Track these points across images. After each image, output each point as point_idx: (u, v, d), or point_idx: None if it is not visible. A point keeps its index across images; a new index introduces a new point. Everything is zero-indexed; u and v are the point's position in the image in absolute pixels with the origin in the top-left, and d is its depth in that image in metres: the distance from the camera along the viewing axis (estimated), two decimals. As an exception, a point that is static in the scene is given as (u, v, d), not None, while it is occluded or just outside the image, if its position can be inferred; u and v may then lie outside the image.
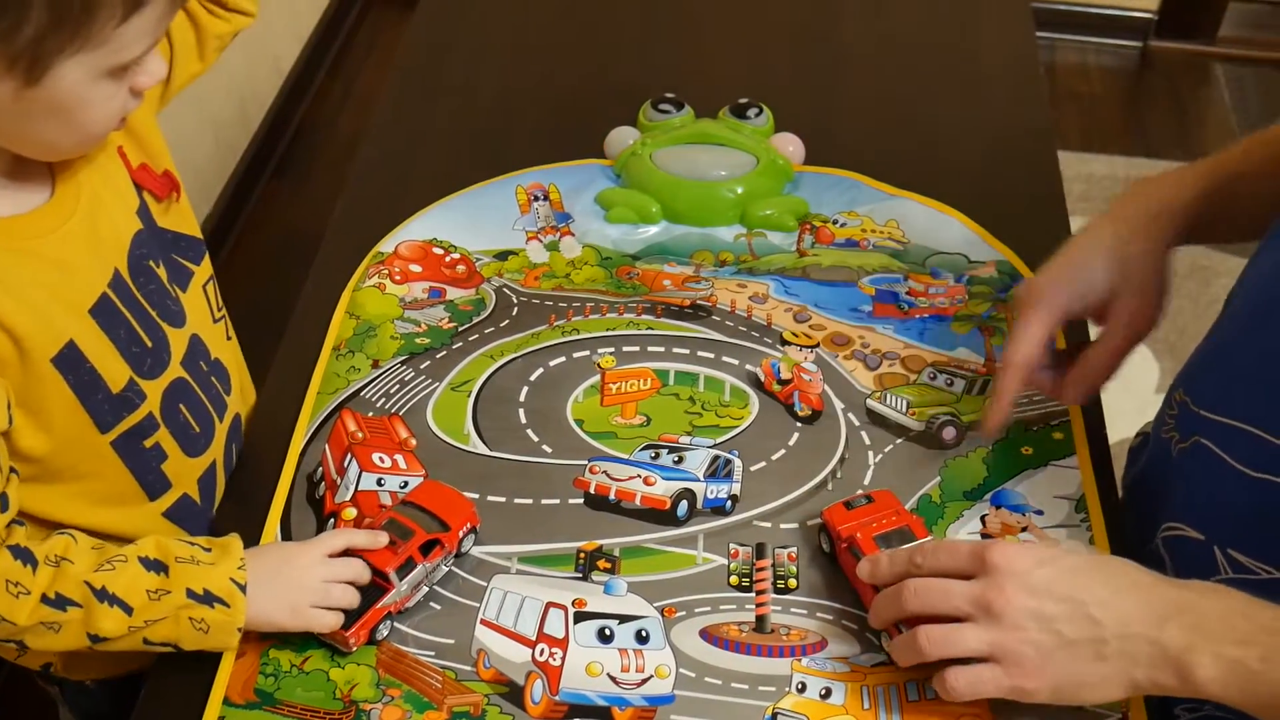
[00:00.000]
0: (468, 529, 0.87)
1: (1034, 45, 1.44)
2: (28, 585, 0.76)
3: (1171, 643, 0.71)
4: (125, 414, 0.84)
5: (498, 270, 1.11)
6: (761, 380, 1.01)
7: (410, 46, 1.42)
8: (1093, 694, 0.74)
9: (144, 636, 0.79)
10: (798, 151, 1.23)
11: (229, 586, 0.79)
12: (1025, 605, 0.73)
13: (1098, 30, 2.96)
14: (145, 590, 0.78)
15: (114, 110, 0.76)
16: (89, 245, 0.81)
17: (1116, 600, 0.73)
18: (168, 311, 0.87)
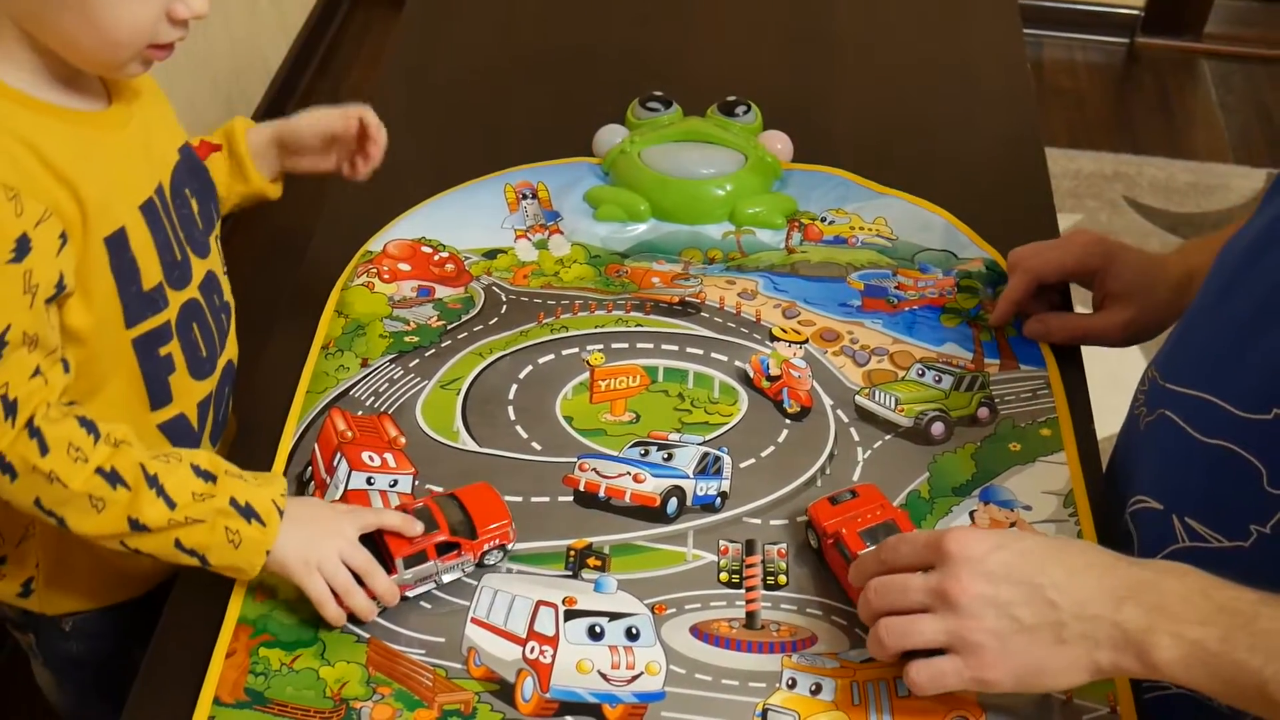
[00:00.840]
0: (496, 545, 0.87)
1: (1021, 42, 1.45)
2: (88, 453, 0.78)
3: (1131, 623, 0.70)
4: (149, 314, 0.87)
5: (486, 269, 1.11)
6: (751, 376, 1.02)
7: (399, 45, 1.43)
8: (1055, 680, 0.73)
9: (178, 537, 0.80)
10: (786, 149, 1.23)
11: (269, 507, 0.82)
12: (981, 592, 0.72)
13: (1085, 27, 2.97)
14: (192, 491, 0.80)
15: (142, 19, 0.76)
16: (141, 154, 0.86)
17: (1073, 582, 0.72)
18: (194, 239, 0.91)
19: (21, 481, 0.78)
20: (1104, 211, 2.49)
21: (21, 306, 0.76)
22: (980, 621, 0.72)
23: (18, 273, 0.75)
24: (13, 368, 0.76)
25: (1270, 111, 2.80)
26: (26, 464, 0.77)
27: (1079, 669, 0.72)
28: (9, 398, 0.76)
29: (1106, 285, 1.04)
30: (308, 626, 0.83)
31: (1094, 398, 1.03)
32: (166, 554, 0.81)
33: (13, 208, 0.74)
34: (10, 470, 0.78)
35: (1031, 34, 2.32)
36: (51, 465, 0.77)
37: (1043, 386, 1.02)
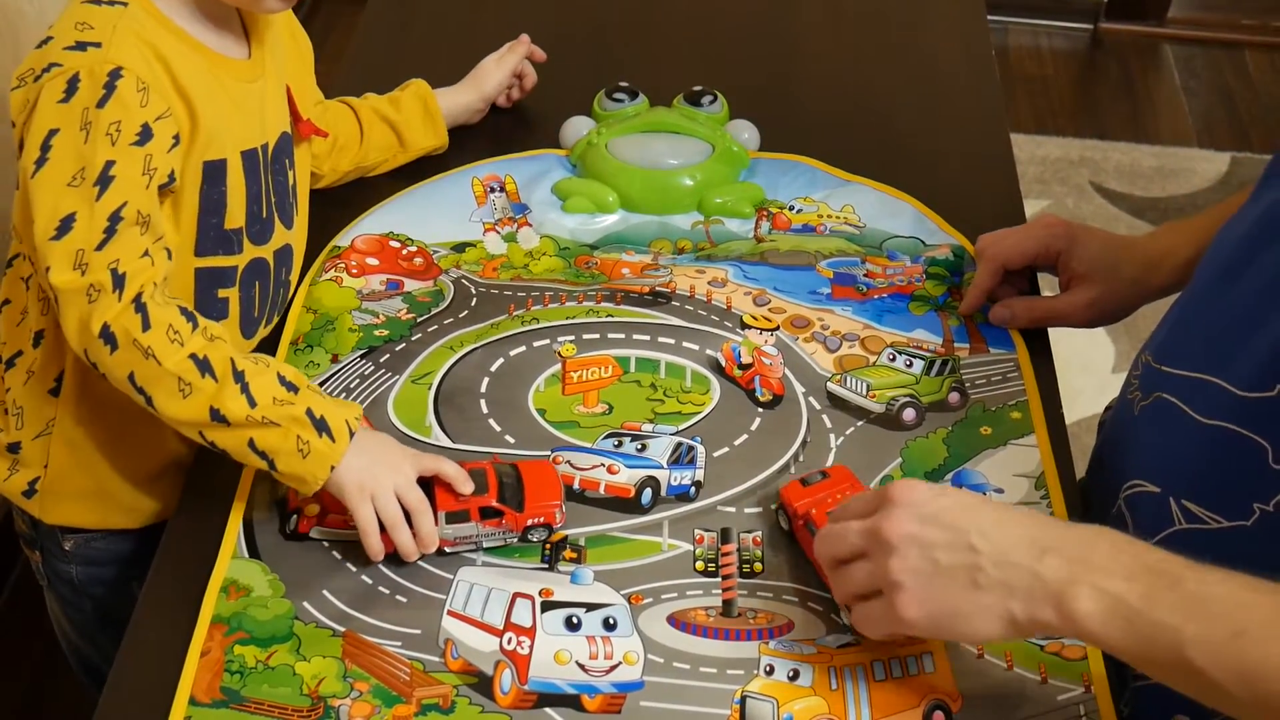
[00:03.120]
0: (541, 522, 0.88)
1: (985, 28, 1.47)
2: (184, 338, 0.83)
3: (1051, 574, 0.69)
4: (220, 252, 0.93)
5: (455, 262, 1.11)
6: (723, 365, 1.03)
7: (363, 39, 1.42)
8: (969, 626, 0.73)
9: (252, 437, 0.84)
10: (753, 138, 1.24)
11: (342, 425, 0.85)
12: (908, 532, 0.73)
13: (1049, 13, 3.00)
14: (273, 395, 0.84)
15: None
16: (257, 110, 0.94)
17: (998, 530, 0.72)
18: (283, 207, 0.99)
19: (120, 354, 0.82)
20: (1070, 197, 2.52)
21: (139, 187, 0.83)
22: (904, 561, 0.73)
23: (140, 155, 0.82)
24: (125, 244, 0.82)
25: (1233, 95, 2.83)
26: (128, 336, 0.82)
27: (993, 617, 0.71)
28: (119, 271, 0.82)
29: (1070, 267, 1.05)
30: (282, 622, 0.83)
31: (1062, 381, 1.05)
32: (239, 452, 0.85)
33: (141, 98, 0.82)
34: (113, 341, 0.82)
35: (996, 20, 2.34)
36: (150, 341, 0.82)
37: (1012, 370, 1.03)
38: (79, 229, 0.81)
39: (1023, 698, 0.81)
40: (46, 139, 0.81)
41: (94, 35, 0.82)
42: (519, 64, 1.26)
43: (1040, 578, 0.70)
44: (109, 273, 0.81)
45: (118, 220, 0.82)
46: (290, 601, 0.85)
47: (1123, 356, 2.07)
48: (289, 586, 0.86)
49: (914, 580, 0.73)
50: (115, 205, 0.82)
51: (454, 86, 1.23)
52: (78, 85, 0.81)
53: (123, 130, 0.81)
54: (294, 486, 0.86)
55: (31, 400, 0.96)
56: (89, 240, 0.81)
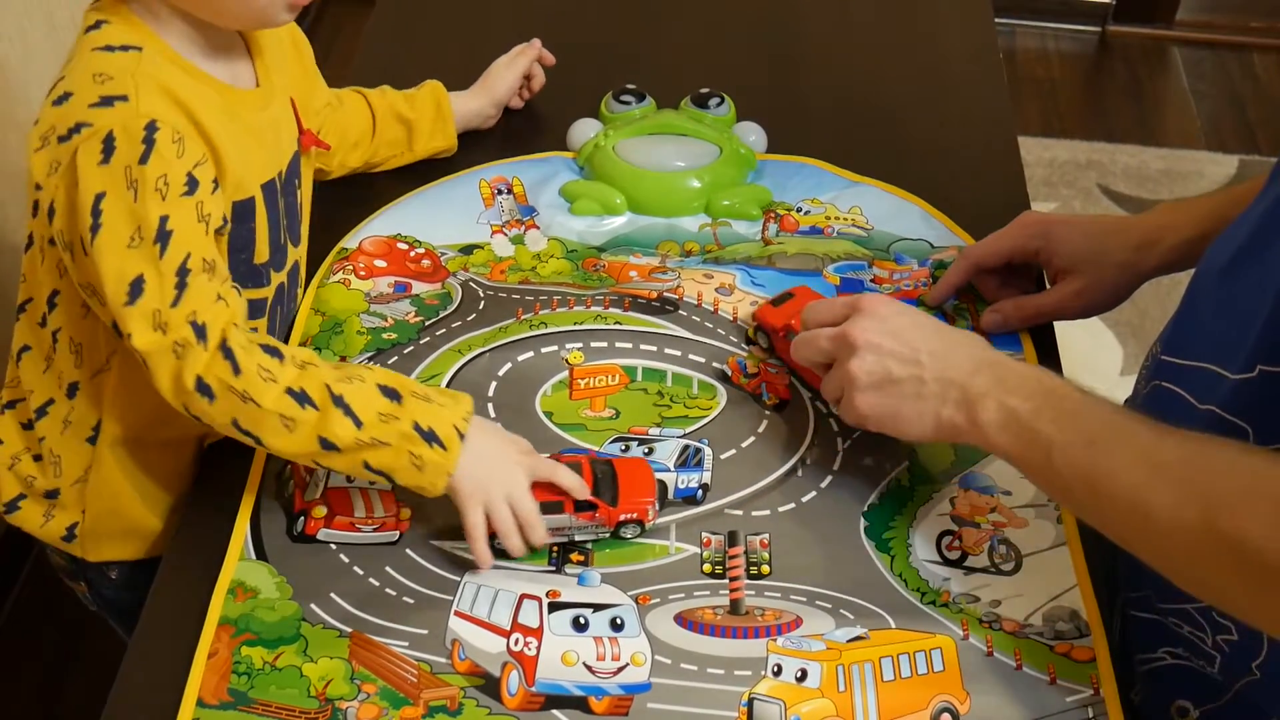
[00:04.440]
0: (634, 518, 0.89)
1: (993, 31, 1.47)
2: (276, 374, 0.83)
3: (974, 388, 0.82)
4: (251, 285, 0.93)
5: (463, 264, 1.11)
6: (729, 375, 1.03)
7: (370, 42, 1.43)
8: (908, 426, 0.86)
9: (365, 459, 0.84)
10: (760, 140, 1.24)
11: (450, 432, 0.85)
12: (871, 340, 0.86)
13: (1056, 16, 3.00)
14: (378, 411, 0.84)
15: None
16: (272, 137, 0.93)
17: (945, 351, 0.85)
18: (293, 229, 0.98)
19: (220, 403, 0.83)
20: (1078, 199, 2.52)
21: (198, 235, 0.82)
22: (863, 362, 0.86)
23: (191, 204, 0.82)
24: (198, 294, 0.82)
25: (1242, 98, 2.83)
26: (223, 384, 0.82)
27: (926, 420, 0.84)
28: (198, 322, 0.82)
29: (1053, 263, 1.06)
30: (289, 623, 0.84)
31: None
32: (358, 473, 0.85)
33: (178, 148, 0.81)
34: (209, 391, 0.82)
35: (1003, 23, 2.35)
36: (245, 385, 0.82)
37: (1020, 373, 1.03)
38: (150, 290, 0.81)
39: (1031, 699, 0.81)
40: (95, 204, 0.80)
41: (117, 87, 0.81)
42: (529, 66, 1.27)
43: (966, 390, 0.83)
44: (189, 326, 0.81)
45: (185, 273, 0.81)
46: (297, 603, 0.85)
47: (1131, 359, 2.07)
48: (296, 588, 0.86)
49: (867, 380, 0.86)
50: (180, 259, 0.81)
51: (465, 91, 1.23)
52: (114, 144, 0.79)
53: (170, 183, 0.80)
54: (417, 492, 0.86)
55: (69, 449, 0.96)
56: (163, 299, 0.81)
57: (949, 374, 0.83)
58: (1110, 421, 0.76)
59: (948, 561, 0.90)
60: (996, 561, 0.90)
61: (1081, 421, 0.77)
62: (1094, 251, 1.03)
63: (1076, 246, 1.04)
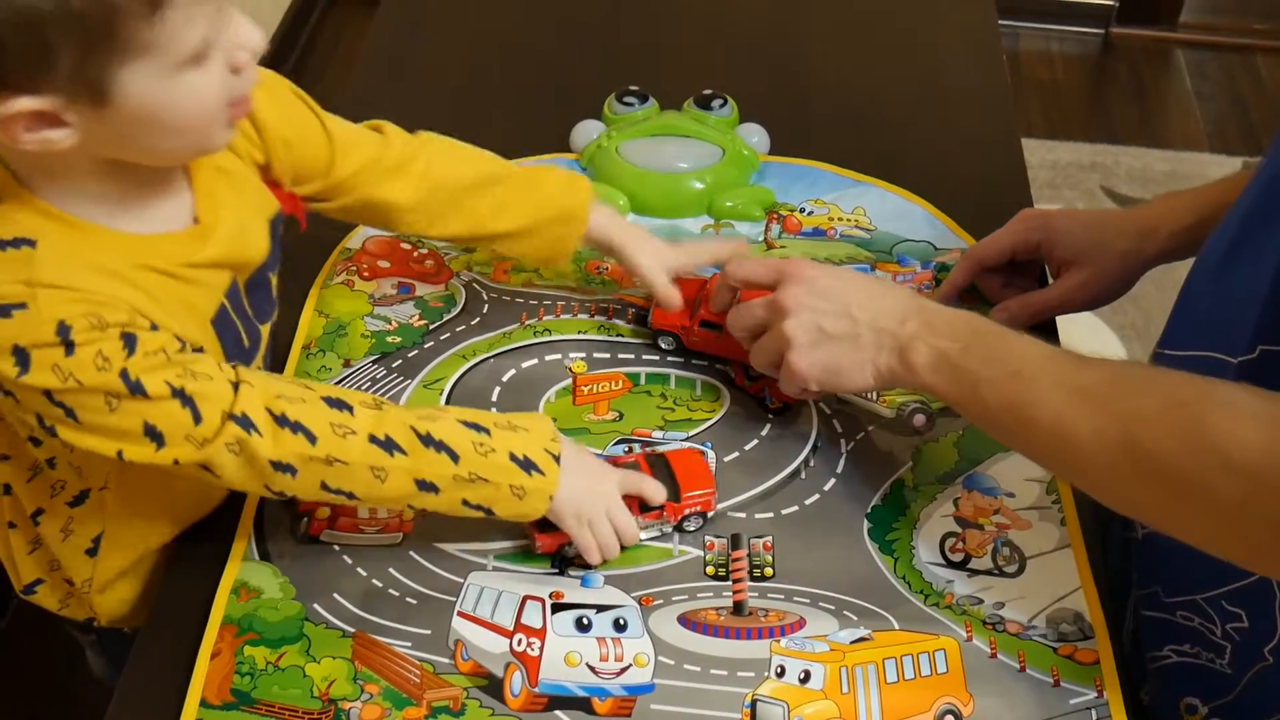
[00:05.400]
0: (697, 511, 0.90)
1: (996, 33, 1.47)
2: (351, 425, 0.80)
3: (904, 333, 0.86)
4: None
5: (466, 264, 1.11)
6: (732, 378, 1.03)
7: (375, 44, 1.43)
8: (850, 378, 0.89)
9: (464, 497, 0.82)
10: (763, 142, 1.24)
11: (544, 456, 0.84)
12: (802, 301, 0.89)
13: (1060, 18, 3.00)
14: (470, 443, 0.82)
15: (211, 99, 0.74)
16: (220, 266, 0.83)
17: (873, 303, 0.88)
18: (264, 312, 0.91)
19: (303, 474, 0.80)
20: (1081, 201, 2.51)
21: (160, 365, 0.75)
22: (797, 321, 0.89)
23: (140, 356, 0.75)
24: (213, 400, 0.77)
25: (1245, 99, 2.83)
26: (302, 457, 0.79)
27: (866, 370, 0.88)
28: (237, 415, 0.77)
29: (1055, 255, 1.06)
30: (292, 623, 0.84)
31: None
32: (454, 510, 0.83)
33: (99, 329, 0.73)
34: (290, 469, 0.79)
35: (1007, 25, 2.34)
36: (325, 449, 0.79)
37: (1023, 375, 1.03)
38: (166, 427, 0.76)
39: (1035, 701, 0.81)
40: (49, 399, 0.74)
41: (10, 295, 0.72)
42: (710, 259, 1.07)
43: (897, 336, 0.86)
44: (231, 423, 0.77)
45: (182, 392, 0.76)
46: (301, 603, 0.85)
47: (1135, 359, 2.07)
48: (299, 588, 0.86)
49: (804, 338, 0.89)
50: (168, 388, 0.75)
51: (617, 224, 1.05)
52: (28, 355, 0.72)
53: (109, 356, 0.73)
54: (517, 522, 0.86)
55: (68, 557, 0.93)
56: (185, 425, 0.76)
57: (880, 322, 0.87)
58: (1033, 355, 0.80)
59: (951, 563, 0.90)
60: (1000, 563, 0.90)
61: (1006, 356, 0.81)
62: (1095, 242, 1.04)
63: (1077, 238, 1.04)
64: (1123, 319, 2.14)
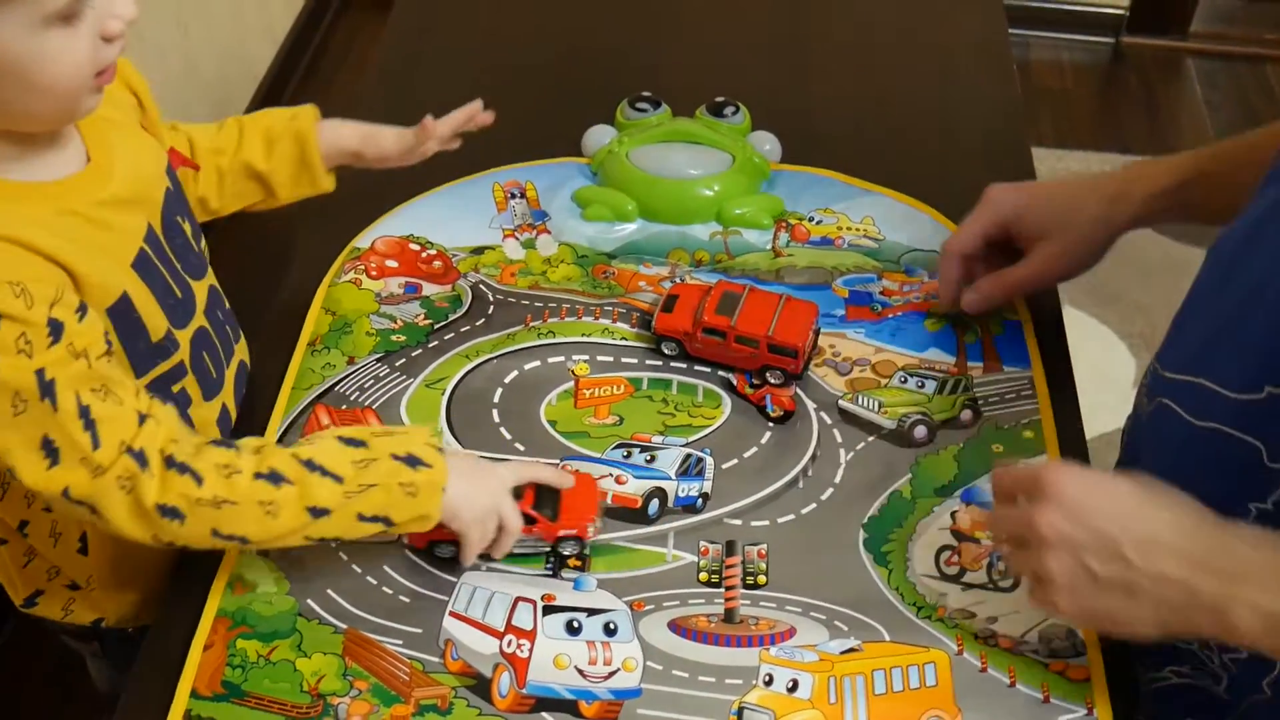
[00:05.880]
0: (573, 535, 0.88)
1: (1007, 42, 1.46)
2: (238, 465, 0.79)
3: (1206, 590, 0.71)
4: (160, 361, 0.86)
5: (474, 265, 1.11)
6: (734, 384, 1.02)
7: (387, 47, 1.43)
8: (1124, 629, 0.76)
9: (358, 511, 0.80)
10: (774, 150, 1.23)
11: (428, 450, 0.82)
12: (1063, 533, 0.74)
13: (1070, 27, 2.98)
14: (350, 461, 0.80)
15: (79, 61, 0.73)
16: (127, 205, 0.82)
17: (1153, 543, 0.73)
18: (190, 265, 0.90)
19: (191, 520, 0.78)
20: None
21: (81, 371, 0.75)
22: (1059, 561, 0.75)
23: (61, 349, 0.74)
24: (116, 424, 0.76)
25: (1256, 109, 2.80)
26: (189, 500, 0.77)
27: (1147, 625, 0.74)
28: (135, 448, 0.76)
29: (1025, 231, 1.03)
30: (285, 618, 0.84)
31: (1082, 395, 1.03)
32: (351, 530, 0.81)
33: (24, 301, 0.72)
34: (177, 514, 0.77)
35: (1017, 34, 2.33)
36: (213, 491, 0.77)
37: (1027, 388, 1.02)
38: (64, 445, 0.74)
39: (1024, 716, 0.81)
40: None
41: None
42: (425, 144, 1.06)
43: (1195, 593, 0.72)
44: (128, 456, 0.76)
45: (87, 412, 0.75)
46: (294, 599, 0.85)
47: (1144, 369, 2.05)
48: (294, 584, 0.86)
49: (1065, 579, 0.75)
50: (75, 403, 0.74)
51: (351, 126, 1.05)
52: None
53: (32, 340, 0.72)
54: (417, 529, 0.83)
55: (64, 560, 0.93)
56: (82, 447, 0.75)
57: (1166, 572, 0.72)
58: None
59: (945, 576, 0.89)
60: (995, 578, 0.89)
61: None
62: (1065, 213, 1.01)
63: (1046, 212, 1.02)
64: (1130, 328, 2.12)
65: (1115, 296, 2.19)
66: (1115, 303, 2.19)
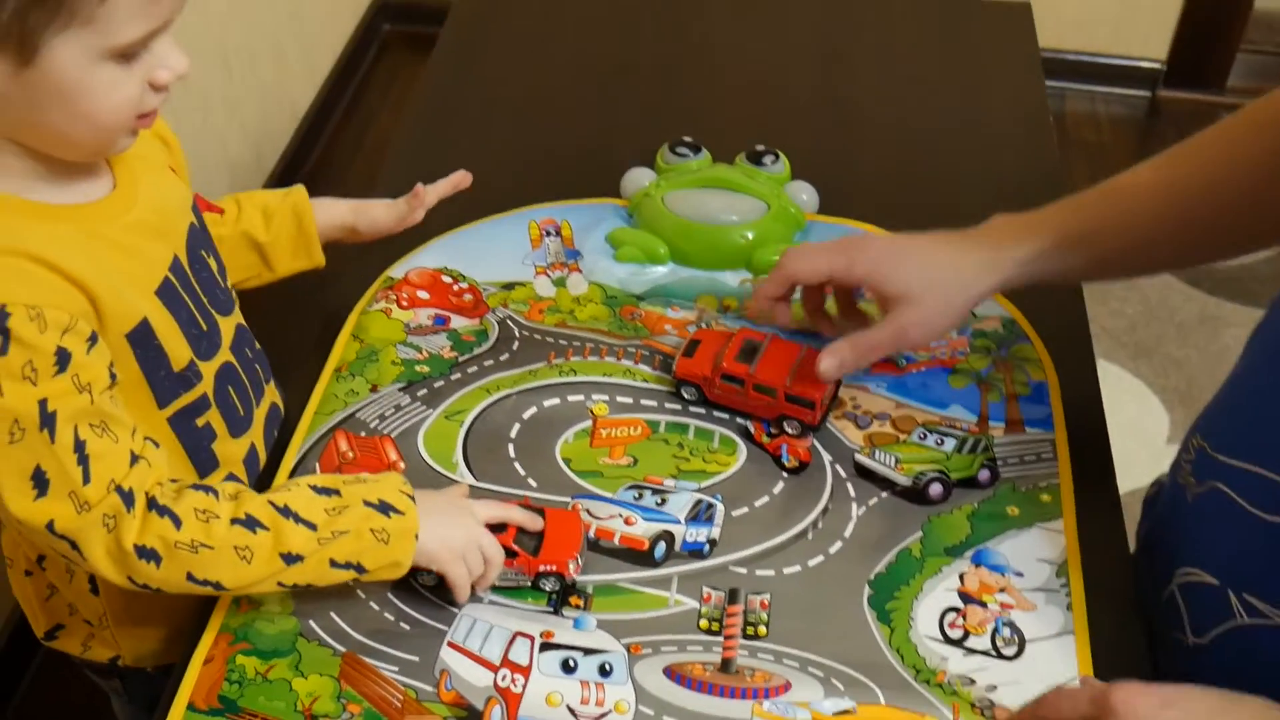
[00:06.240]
0: (553, 570, 0.88)
1: (1044, 95, 1.45)
2: (216, 510, 0.80)
3: None
4: (182, 391, 0.87)
5: (504, 300, 1.12)
6: (751, 433, 1.02)
7: (427, 88, 1.44)
8: None
9: (330, 556, 0.81)
10: (811, 200, 1.24)
11: (400, 496, 0.84)
12: None
13: (1107, 80, 2.97)
14: (323, 509, 0.82)
15: (123, 100, 0.75)
16: (152, 232, 0.84)
17: None
18: (217, 300, 0.91)
19: (168, 563, 0.79)
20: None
21: (83, 405, 0.76)
22: None
23: (67, 380, 0.75)
24: (109, 462, 0.77)
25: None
26: (167, 543, 0.78)
27: None
28: (123, 488, 0.77)
29: (882, 290, 0.98)
30: (286, 637, 0.85)
31: (1115, 450, 1.02)
32: (322, 575, 0.82)
33: (37, 326, 0.73)
34: (154, 556, 0.78)
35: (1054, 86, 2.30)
36: (190, 535, 0.79)
37: (1048, 450, 1.01)
38: (55, 477, 0.75)
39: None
40: None
41: None
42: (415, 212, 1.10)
43: None
44: (115, 494, 0.77)
45: (83, 447, 0.76)
46: (297, 619, 0.86)
47: (1178, 426, 2.01)
48: (298, 603, 0.87)
49: None
50: (73, 437, 0.75)
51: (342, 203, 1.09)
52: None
53: (38, 367, 0.73)
54: (389, 577, 0.84)
55: (78, 598, 0.95)
56: (73, 480, 0.75)
57: None
58: None
59: (949, 639, 0.88)
60: (999, 645, 0.88)
61: None
62: (927, 277, 0.96)
63: (905, 274, 0.96)
64: (1165, 382, 2.08)
65: (1149, 350, 2.16)
66: (1149, 356, 2.16)
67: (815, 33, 1.54)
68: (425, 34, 1.66)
